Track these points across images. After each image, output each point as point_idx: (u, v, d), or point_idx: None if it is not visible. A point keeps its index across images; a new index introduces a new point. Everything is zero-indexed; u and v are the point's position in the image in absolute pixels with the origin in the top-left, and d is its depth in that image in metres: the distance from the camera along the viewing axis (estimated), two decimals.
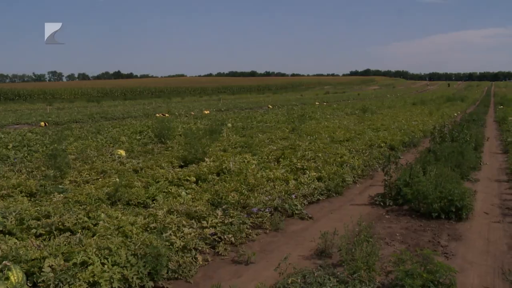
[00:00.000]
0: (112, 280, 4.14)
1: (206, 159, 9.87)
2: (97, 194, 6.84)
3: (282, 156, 10.41)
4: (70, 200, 6.53)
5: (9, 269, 3.94)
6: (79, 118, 25.61)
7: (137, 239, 4.91)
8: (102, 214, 5.84)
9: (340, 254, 4.88)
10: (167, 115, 26.90)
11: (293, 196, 7.42)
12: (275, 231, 6.26)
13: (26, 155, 11.38)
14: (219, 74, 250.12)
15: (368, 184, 9.36)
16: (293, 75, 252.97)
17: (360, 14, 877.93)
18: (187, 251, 5.09)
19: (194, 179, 8.21)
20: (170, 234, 5.24)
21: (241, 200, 6.86)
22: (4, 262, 4.00)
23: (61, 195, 6.84)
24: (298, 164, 9.54)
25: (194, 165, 9.45)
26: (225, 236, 5.67)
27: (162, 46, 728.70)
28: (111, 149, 12.10)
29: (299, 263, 4.97)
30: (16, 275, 3.94)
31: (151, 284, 4.40)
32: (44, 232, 5.24)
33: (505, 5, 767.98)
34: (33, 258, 4.31)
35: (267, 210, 6.73)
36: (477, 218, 6.91)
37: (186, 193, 7.33)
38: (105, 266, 4.29)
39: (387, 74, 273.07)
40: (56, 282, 4.00)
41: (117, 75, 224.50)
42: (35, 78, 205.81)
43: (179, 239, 5.18)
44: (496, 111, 31.95)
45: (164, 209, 6.15)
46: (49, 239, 5.04)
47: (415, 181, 7.44)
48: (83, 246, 4.63)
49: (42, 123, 22.29)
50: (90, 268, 4.18)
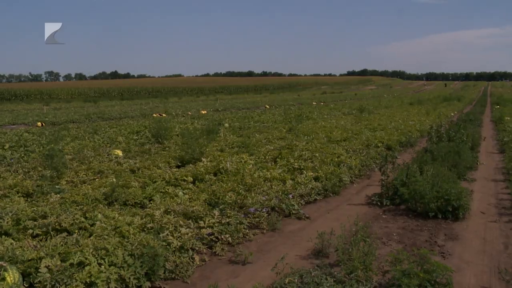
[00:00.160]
0: (109, 281, 4.13)
1: (203, 159, 9.86)
2: (94, 195, 6.83)
3: (279, 156, 10.41)
4: (67, 200, 6.52)
5: (5, 270, 3.93)
6: (76, 118, 25.55)
7: (134, 239, 4.90)
8: (99, 214, 5.83)
9: (337, 254, 4.89)
10: (164, 115, 26.86)
11: (290, 196, 7.43)
12: (272, 231, 6.26)
13: (22, 155, 11.36)
14: (216, 74, 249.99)
15: (365, 184, 9.38)
16: (290, 75, 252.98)
17: (357, 14, 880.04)
18: (184, 251, 5.09)
19: (191, 179, 8.21)
20: (167, 234, 5.24)
21: (238, 200, 6.86)
22: (0, 262, 3.99)
23: (58, 196, 6.83)
24: (295, 164, 9.54)
25: (191, 165, 9.45)
26: (222, 236, 5.67)
27: (160, 46, 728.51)
28: (108, 149, 12.09)
29: (296, 263, 4.98)
30: (12, 275, 3.93)
31: (148, 284, 4.39)
32: (40, 233, 5.23)
33: (501, 6, 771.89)
34: (29, 258, 4.31)
35: (264, 210, 6.73)
36: (474, 217, 6.93)
37: (183, 193, 7.32)
38: (102, 266, 4.28)
39: (384, 74, 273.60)
40: (53, 283, 3.99)
41: (114, 75, 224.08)
42: (32, 78, 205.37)
43: (176, 239, 5.18)
44: (493, 111, 32.05)
45: (161, 209, 6.15)
46: (46, 240, 5.03)
47: (412, 180, 7.45)
48: (80, 247, 4.62)
49: (39, 123, 22.21)
50: (87, 268, 4.18)
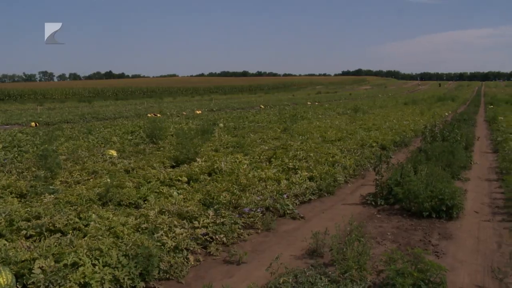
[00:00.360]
0: (103, 281, 4.11)
1: (198, 159, 9.85)
2: (88, 195, 6.81)
3: (274, 156, 10.41)
4: (61, 201, 6.49)
5: None
6: (70, 118, 25.46)
7: (129, 239, 4.89)
8: (93, 214, 5.81)
9: (332, 254, 4.89)
10: (158, 115, 26.80)
11: (285, 196, 7.43)
12: (266, 231, 6.26)
13: (16, 155, 11.29)
14: (211, 74, 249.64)
15: (359, 183, 9.40)
16: (285, 75, 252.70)
17: (352, 14, 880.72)
18: (179, 251, 5.08)
19: (186, 179, 8.20)
20: (162, 235, 5.23)
21: (233, 200, 6.85)
22: None
23: (52, 196, 6.80)
24: (290, 164, 9.54)
25: (185, 165, 9.43)
26: (217, 236, 5.66)
27: (154, 46, 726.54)
28: (103, 150, 12.05)
29: (291, 263, 4.98)
30: (5, 277, 3.92)
31: (142, 284, 4.38)
32: (34, 233, 5.21)
33: (496, 6, 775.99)
34: (23, 259, 4.28)
35: (258, 210, 6.73)
36: (468, 217, 6.96)
37: (178, 193, 7.31)
38: (96, 267, 4.26)
39: (378, 74, 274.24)
40: (46, 284, 3.97)
41: (109, 75, 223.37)
42: (26, 78, 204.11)
43: (171, 240, 5.17)
44: (486, 111, 32.23)
45: (156, 210, 6.14)
46: (40, 240, 5.01)
47: (406, 180, 7.47)
48: (74, 247, 4.61)
49: (33, 123, 22.11)
50: (81, 269, 4.16)
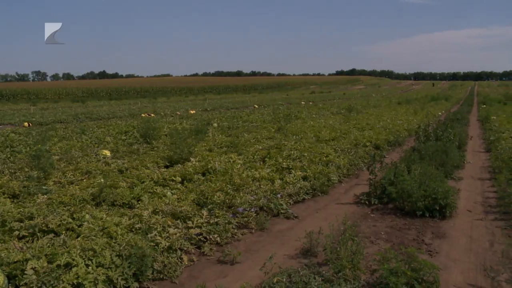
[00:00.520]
0: (96, 282, 4.09)
1: (192, 159, 9.84)
2: (81, 195, 6.77)
3: (268, 156, 10.42)
4: (54, 201, 6.45)
5: None
6: (64, 118, 25.34)
7: (122, 240, 4.87)
8: (87, 215, 5.79)
9: (325, 253, 4.89)
10: (152, 115, 26.74)
11: (279, 196, 7.43)
12: (260, 231, 6.26)
13: (9, 156, 11.23)
14: (205, 74, 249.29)
15: (353, 183, 9.42)
16: (279, 74, 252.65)
17: (346, 14, 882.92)
18: (173, 251, 5.08)
19: (180, 179, 8.18)
20: (155, 235, 5.22)
21: (227, 200, 6.85)
22: None
23: (45, 196, 6.77)
24: (284, 163, 9.55)
25: (179, 165, 9.42)
26: (211, 236, 5.66)
27: (148, 46, 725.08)
28: (96, 150, 12.01)
29: (285, 262, 4.99)
30: None
31: (136, 285, 4.37)
32: (27, 234, 5.17)
33: (488, 6, 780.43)
34: (15, 260, 4.25)
35: (252, 210, 6.74)
36: (461, 216, 7.00)
37: (172, 193, 7.30)
38: (90, 267, 4.24)
39: (372, 73, 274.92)
40: (39, 285, 3.95)
41: (103, 75, 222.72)
42: (18, 78, 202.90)
43: (165, 240, 5.16)
44: (479, 110, 32.45)
45: (149, 210, 6.12)
46: (32, 241, 4.98)
47: (400, 180, 7.49)
48: (67, 248, 4.58)
49: (26, 124, 21.98)
50: (74, 269, 4.14)
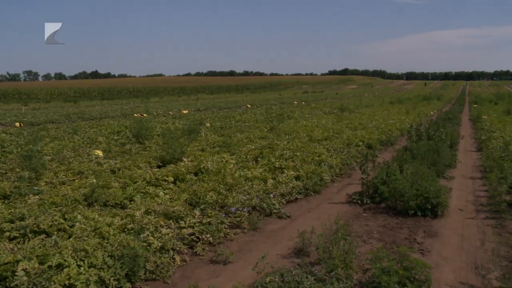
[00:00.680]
0: (88, 282, 4.08)
1: (184, 159, 9.83)
2: (73, 195, 6.73)
3: (261, 156, 10.42)
4: (45, 201, 6.41)
5: None
6: (56, 118, 25.18)
7: (114, 240, 4.86)
8: (79, 215, 5.76)
9: (318, 253, 4.91)
10: (145, 115, 26.65)
11: (271, 195, 7.44)
12: (253, 231, 6.27)
13: (0, 156, 11.14)
14: (197, 74, 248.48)
15: (346, 182, 9.45)
16: (271, 74, 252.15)
17: (339, 13, 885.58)
18: (165, 251, 5.07)
19: (172, 179, 8.16)
20: (148, 235, 5.20)
21: (219, 200, 6.84)
22: None
23: (36, 197, 6.72)
24: (276, 163, 9.55)
25: (172, 165, 9.40)
26: (203, 236, 5.65)
27: (141, 45, 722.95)
28: (88, 150, 11.95)
29: (277, 262, 4.99)
30: None
31: (128, 285, 4.36)
32: (18, 235, 5.12)
33: (479, 6, 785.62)
34: (6, 261, 4.22)
35: (245, 210, 6.74)
36: (452, 214, 7.04)
37: (164, 193, 7.28)
38: (81, 268, 4.23)
39: (365, 73, 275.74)
40: (30, 286, 3.92)
41: (95, 74, 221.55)
42: (10, 77, 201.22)
43: (157, 240, 5.15)
44: (471, 110, 32.65)
45: (142, 210, 6.10)
46: (23, 242, 4.93)
47: (392, 179, 7.53)
48: (58, 248, 4.55)
49: (17, 124, 21.83)
50: (65, 270, 4.12)
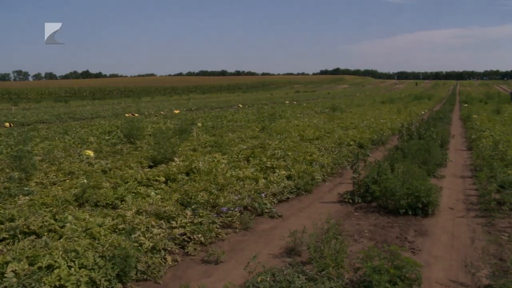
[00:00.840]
0: (79, 283, 4.06)
1: (176, 159, 9.80)
2: (64, 196, 6.69)
3: (252, 155, 10.42)
4: (36, 202, 6.36)
5: None
6: (46, 118, 25.05)
7: (105, 240, 4.84)
8: (69, 216, 5.72)
9: (309, 252, 4.91)
10: (136, 115, 26.58)
11: (263, 195, 7.45)
12: (244, 230, 6.27)
13: None
14: (189, 74, 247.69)
15: (337, 182, 9.48)
16: (263, 74, 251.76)
17: (330, 13, 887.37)
18: (156, 251, 5.06)
19: (164, 179, 8.14)
20: (139, 235, 5.19)
21: (211, 200, 6.84)
22: None
23: (27, 198, 6.66)
24: (268, 163, 9.55)
25: (163, 165, 9.38)
26: (195, 236, 5.65)
27: (132, 45, 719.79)
28: (79, 150, 11.88)
29: (269, 261, 5.00)
30: None
31: (119, 286, 4.34)
32: (7, 236, 5.08)
33: (468, 7, 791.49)
34: None
35: (236, 209, 6.74)
36: (443, 213, 7.09)
37: (155, 193, 7.25)
38: (72, 269, 4.20)
39: (356, 73, 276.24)
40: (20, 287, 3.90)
41: (86, 74, 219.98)
42: None
43: (148, 240, 5.14)
44: (461, 109, 32.86)
45: (133, 210, 6.08)
46: (13, 243, 4.88)
47: (383, 178, 7.56)
48: (49, 249, 4.53)
49: (7, 124, 21.65)
50: (56, 271, 4.10)
